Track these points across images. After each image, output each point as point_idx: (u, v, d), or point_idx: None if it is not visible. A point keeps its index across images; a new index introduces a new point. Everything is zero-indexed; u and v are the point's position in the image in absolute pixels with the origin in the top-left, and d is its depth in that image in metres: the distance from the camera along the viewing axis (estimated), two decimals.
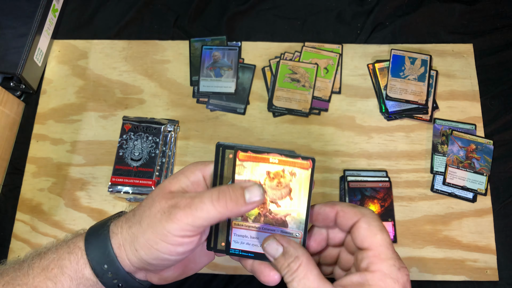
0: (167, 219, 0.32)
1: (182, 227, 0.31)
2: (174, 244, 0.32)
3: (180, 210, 0.32)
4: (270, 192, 0.34)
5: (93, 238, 0.34)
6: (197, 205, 0.32)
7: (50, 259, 0.34)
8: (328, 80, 0.65)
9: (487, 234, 0.57)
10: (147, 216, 0.33)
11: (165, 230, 0.32)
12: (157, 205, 0.33)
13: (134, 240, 0.33)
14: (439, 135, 0.62)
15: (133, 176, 0.58)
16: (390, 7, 0.70)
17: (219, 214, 0.32)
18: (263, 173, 0.34)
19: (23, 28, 0.63)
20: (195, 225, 0.31)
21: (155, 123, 0.61)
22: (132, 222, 0.34)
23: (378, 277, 0.30)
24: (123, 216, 0.35)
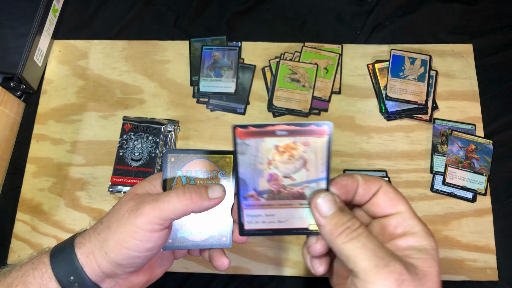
0: (135, 215, 0.34)
1: (150, 220, 0.33)
2: (143, 240, 0.34)
3: (147, 204, 0.34)
4: (282, 167, 0.32)
5: (59, 252, 0.35)
6: (163, 199, 0.34)
7: (13, 277, 0.35)
8: (328, 80, 0.65)
9: (486, 234, 0.57)
10: (116, 220, 0.35)
11: (134, 226, 0.33)
12: (124, 207, 0.35)
13: (103, 244, 0.34)
14: (439, 135, 0.62)
15: (133, 176, 0.58)
16: (390, 7, 0.70)
17: (184, 206, 0.34)
18: (270, 149, 0.31)
19: (24, 28, 0.64)
20: (162, 217, 0.33)
21: (155, 123, 0.61)
22: (100, 228, 0.35)
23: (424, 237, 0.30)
24: (90, 228, 0.37)
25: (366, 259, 0.28)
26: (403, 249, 0.30)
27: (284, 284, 0.56)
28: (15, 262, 0.37)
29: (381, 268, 0.27)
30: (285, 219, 0.33)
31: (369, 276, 0.27)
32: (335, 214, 0.30)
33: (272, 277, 0.56)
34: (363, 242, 0.29)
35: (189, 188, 0.35)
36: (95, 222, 0.37)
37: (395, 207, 0.31)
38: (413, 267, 0.28)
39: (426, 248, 0.29)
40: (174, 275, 0.57)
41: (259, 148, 0.32)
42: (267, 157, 0.32)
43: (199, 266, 0.56)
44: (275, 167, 0.32)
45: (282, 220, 0.33)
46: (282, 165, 0.32)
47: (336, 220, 0.30)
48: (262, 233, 0.34)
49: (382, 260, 0.28)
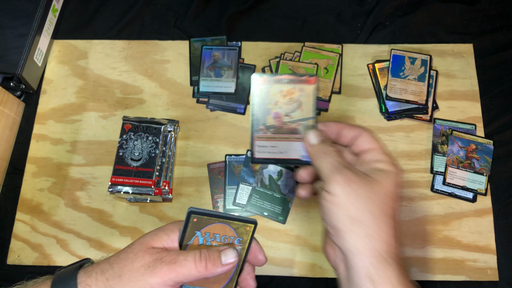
0: (150, 273, 0.33)
1: (165, 282, 0.33)
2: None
3: (165, 265, 0.34)
4: (284, 107, 0.41)
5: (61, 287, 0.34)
6: (181, 262, 0.34)
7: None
8: (328, 80, 0.65)
9: (487, 234, 0.57)
10: (129, 271, 0.34)
11: (147, 285, 0.33)
12: (140, 260, 0.34)
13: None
14: (439, 135, 0.62)
15: (133, 176, 0.58)
16: (390, 7, 0.70)
17: (198, 274, 0.34)
18: (277, 92, 0.41)
19: (23, 28, 0.63)
20: (177, 281, 0.34)
21: (155, 123, 0.61)
22: (110, 274, 0.34)
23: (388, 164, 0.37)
24: (97, 267, 0.35)
25: (329, 169, 0.37)
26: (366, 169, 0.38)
27: (284, 284, 0.56)
28: (14, 287, 0.36)
29: (336, 173, 0.37)
30: (284, 151, 0.42)
31: (328, 177, 0.37)
32: (318, 143, 0.40)
33: (272, 277, 0.56)
34: (331, 160, 0.38)
35: (204, 255, 0.35)
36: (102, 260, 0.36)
37: (371, 145, 0.39)
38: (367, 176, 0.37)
39: (386, 170, 0.37)
40: None
41: (269, 92, 0.41)
42: (274, 99, 0.41)
43: None
44: (279, 107, 0.41)
45: (282, 151, 0.42)
46: (284, 106, 0.41)
47: (318, 147, 0.40)
48: (267, 161, 0.42)
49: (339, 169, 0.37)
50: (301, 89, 0.41)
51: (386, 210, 0.35)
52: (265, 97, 0.41)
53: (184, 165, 0.61)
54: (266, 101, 0.41)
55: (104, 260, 0.36)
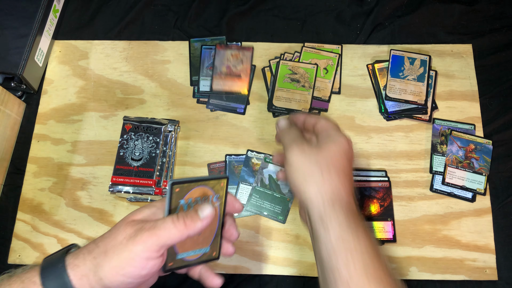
0: (133, 242, 0.34)
1: (148, 247, 0.34)
2: (139, 267, 0.34)
3: (145, 231, 0.35)
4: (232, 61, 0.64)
5: (50, 271, 0.35)
6: (160, 226, 0.35)
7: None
8: (327, 80, 0.65)
9: (486, 234, 0.57)
10: (113, 246, 0.35)
11: (132, 253, 0.34)
12: (122, 233, 0.36)
13: (98, 269, 0.34)
14: (438, 135, 0.62)
15: (133, 176, 0.58)
16: (390, 7, 0.70)
17: (179, 233, 0.36)
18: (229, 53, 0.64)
19: (24, 28, 0.64)
20: (159, 244, 0.35)
21: (156, 123, 0.61)
22: (96, 252, 0.35)
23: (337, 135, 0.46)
24: (84, 248, 0.36)
25: (288, 142, 0.47)
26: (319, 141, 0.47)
27: (284, 284, 0.56)
28: (3, 274, 0.36)
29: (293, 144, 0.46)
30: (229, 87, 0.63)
31: (287, 148, 0.46)
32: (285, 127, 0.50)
33: (272, 277, 0.56)
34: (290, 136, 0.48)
35: (182, 214, 0.37)
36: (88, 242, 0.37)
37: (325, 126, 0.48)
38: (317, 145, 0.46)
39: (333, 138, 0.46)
40: (175, 274, 0.57)
41: (225, 54, 0.65)
42: (227, 57, 0.65)
43: None
44: (230, 62, 0.65)
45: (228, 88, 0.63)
46: (233, 61, 0.65)
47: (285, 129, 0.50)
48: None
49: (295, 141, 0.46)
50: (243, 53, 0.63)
51: (332, 166, 0.43)
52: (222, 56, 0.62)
53: (185, 165, 0.62)
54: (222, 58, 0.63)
55: (91, 242, 0.37)
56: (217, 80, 0.64)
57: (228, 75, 0.64)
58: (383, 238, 0.57)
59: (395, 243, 0.57)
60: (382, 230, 0.57)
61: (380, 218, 0.58)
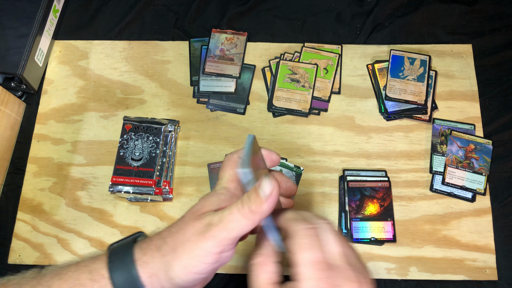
0: (203, 239, 0.32)
1: (220, 242, 0.32)
2: (213, 262, 0.32)
3: (214, 226, 0.32)
4: (227, 46, 0.66)
5: (118, 266, 0.33)
6: (227, 218, 0.32)
7: (70, 284, 0.33)
8: (327, 80, 0.65)
9: (486, 234, 0.57)
10: (182, 242, 0.33)
11: (203, 251, 0.32)
12: (190, 229, 0.33)
13: (169, 268, 0.32)
14: (438, 135, 0.62)
15: (133, 176, 0.58)
16: (390, 7, 0.70)
17: (248, 221, 0.32)
18: (224, 37, 0.67)
19: (24, 28, 0.64)
20: (231, 237, 0.32)
21: (156, 123, 0.61)
22: (165, 250, 0.33)
23: None
24: (151, 243, 0.34)
25: None
26: None
27: None
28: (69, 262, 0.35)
29: None
30: (221, 70, 0.65)
31: None
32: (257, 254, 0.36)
33: None
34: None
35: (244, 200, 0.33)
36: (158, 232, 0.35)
37: None
38: None
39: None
40: None
41: (219, 37, 0.66)
42: (221, 41, 0.66)
43: None
44: (224, 45, 0.66)
45: (220, 70, 0.65)
46: (227, 44, 0.66)
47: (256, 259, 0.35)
48: None
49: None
50: (237, 38, 0.65)
51: None
52: (216, 40, 0.65)
53: (185, 165, 0.62)
54: (217, 41, 0.65)
55: (157, 235, 0.35)
56: (210, 63, 0.65)
57: (221, 58, 0.65)
58: (383, 238, 0.57)
59: (395, 243, 0.57)
60: (382, 230, 0.57)
61: (380, 218, 0.58)
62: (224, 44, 0.66)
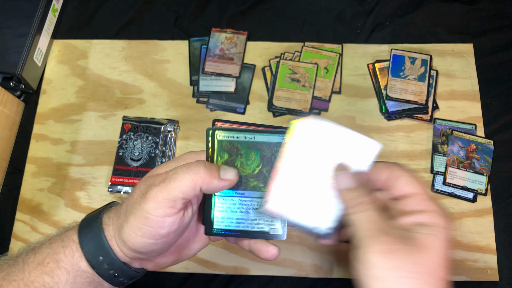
0: (144, 200, 0.31)
1: (160, 204, 0.31)
2: (156, 226, 0.32)
3: (155, 186, 0.32)
4: (226, 45, 0.65)
5: (87, 231, 0.35)
6: (170, 177, 0.31)
7: (45, 254, 0.34)
8: (328, 80, 0.65)
9: (487, 234, 0.57)
10: (130, 204, 0.33)
11: (144, 212, 0.31)
12: (137, 190, 0.33)
13: (120, 231, 0.33)
14: (439, 135, 0.62)
15: (133, 176, 0.58)
16: (390, 7, 0.70)
17: (191, 182, 0.31)
18: (223, 36, 0.66)
19: (23, 28, 0.63)
20: (171, 198, 0.31)
21: (155, 123, 0.61)
22: (120, 212, 0.34)
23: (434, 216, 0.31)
24: (114, 208, 0.36)
25: (364, 230, 0.31)
26: (407, 224, 0.31)
27: (284, 284, 0.56)
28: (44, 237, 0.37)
29: (373, 237, 0.30)
30: (221, 70, 0.65)
31: (363, 244, 0.30)
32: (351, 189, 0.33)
33: (272, 277, 0.56)
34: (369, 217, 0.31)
35: (198, 163, 0.32)
36: None
37: (410, 189, 0.33)
38: (411, 240, 0.30)
39: (431, 225, 0.31)
40: (174, 275, 0.57)
41: (219, 37, 0.66)
42: (221, 40, 0.66)
43: (199, 267, 0.56)
44: (224, 45, 0.65)
45: (220, 70, 0.65)
46: (227, 44, 0.65)
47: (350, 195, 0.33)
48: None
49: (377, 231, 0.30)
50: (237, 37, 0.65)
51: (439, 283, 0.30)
52: (217, 38, 0.64)
53: None
54: (217, 40, 0.65)
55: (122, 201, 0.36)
56: (210, 62, 0.64)
57: (221, 57, 0.64)
58: None
59: None
60: None
61: None
62: (224, 44, 0.66)
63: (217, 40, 0.66)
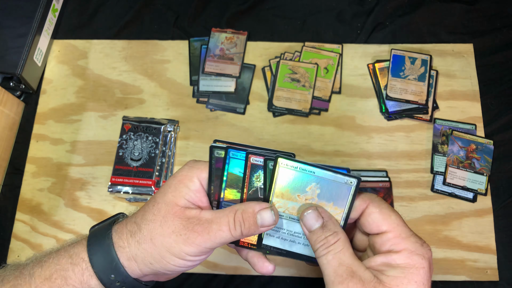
0: (184, 243, 0.33)
1: (200, 250, 0.33)
2: (190, 261, 0.34)
3: (198, 235, 0.33)
4: (226, 45, 0.65)
5: (97, 248, 0.34)
6: (215, 232, 0.33)
7: (52, 269, 0.34)
8: (328, 80, 0.65)
9: (487, 234, 0.57)
10: (160, 235, 0.33)
11: (182, 252, 0.33)
12: (170, 225, 0.33)
13: (147, 256, 0.33)
14: (439, 135, 0.62)
15: (133, 176, 0.58)
16: (390, 7, 0.70)
17: (233, 238, 0.33)
18: (223, 36, 0.65)
19: (23, 28, 0.63)
20: (212, 247, 0.33)
21: (155, 123, 0.61)
22: (140, 237, 0.34)
23: (405, 255, 0.31)
24: (125, 227, 0.35)
25: (330, 274, 0.31)
26: (377, 265, 0.31)
27: (284, 284, 0.56)
28: (49, 250, 0.36)
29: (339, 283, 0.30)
30: (221, 70, 0.65)
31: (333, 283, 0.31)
32: (316, 230, 0.33)
33: (272, 277, 0.56)
34: (331, 258, 0.31)
35: (238, 219, 0.33)
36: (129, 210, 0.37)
37: (381, 227, 0.32)
38: (379, 283, 0.30)
39: (401, 266, 0.30)
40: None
41: (219, 37, 0.66)
42: (221, 40, 0.66)
43: (199, 267, 0.56)
44: (224, 45, 0.65)
45: (220, 70, 0.65)
46: (227, 44, 0.65)
47: (316, 236, 0.33)
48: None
49: (341, 277, 0.30)
50: (237, 37, 0.66)
51: None
52: (216, 39, 0.63)
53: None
54: (217, 41, 0.65)
55: (131, 219, 0.35)
56: (210, 62, 0.64)
57: (221, 57, 0.65)
58: None
59: None
60: None
61: None
62: (224, 44, 0.66)
63: (217, 40, 0.66)
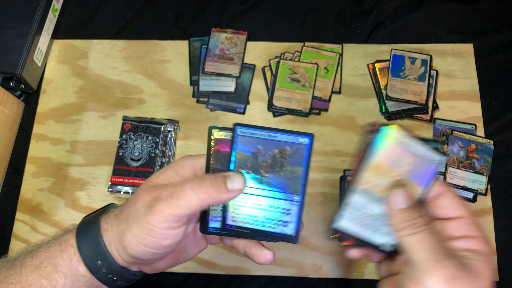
0: (150, 212, 0.32)
1: (165, 218, 0.32)
2: (160, 238, 0.32)
3: (162, 201, 0.32)
4: (226, 45, 0.65)
5: (85, 235, 0.35)
6: (178, 194, 0.32)
7: (42, 258, 0.34)
8: (328, 80, 0.65)
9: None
10: (132, 212, 0.33)
11: (149, 224, 0.32)
12: (140, 200, 0.33)
13: (121, 238, 0.33)
14: (439, 135, 0.62)
15: (133, 176, 0.58)
16: (390, 7, 0.70)
17: (200, 201, 0.32)
18: (224, 36, 0.66)
19: (23, 28, 0.63)
20: (178, 214, 0.32)
21: (155, 123, 0.61)
22: (120, 219, 0.34)
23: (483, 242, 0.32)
24: (112, 212, 0.35)
25: (425, 252, 0.30)
26: (461, 250, 0.31)
27: (284, 285, 0.56)
28: (41, 240, 0.37)
29: (437, 261, 0.29)
30: (221, 70, 0.65)
31: (425, 267, 0.29)
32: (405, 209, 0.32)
33: (272, 277, 0.56)
34: (425, 237, 0.31)
35: (205, 179, 0.32)
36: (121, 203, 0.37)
37: (457, 212, 0.33)
38: (469, 267, 0.30)
39: (483, 252, 0.31)
40: (174, 275, 0.57)
41: (219, 37, 0.66)
42: (221, 40, 0.66)
43: (199, 267, 0.56)
44: (224, 45, 0.65)
45: (220, 70, 0.64)
46: (227, 44, 0.65)
47: (405, 215, 0.32)
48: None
49: (440, 255, 0.30)
50: (237, 37, 0.66)
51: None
52: (217, 38, 0.64)
53: None
54: (217, 40, 0.65)
55: (119, 206, 0.36)
56: (210, 62, 0.64)
57: (221, 57, 0.64)
58: None
59: None
60: None
61: None
62: (224, 44, 0.66)
63: (217, 40, 0.66)
